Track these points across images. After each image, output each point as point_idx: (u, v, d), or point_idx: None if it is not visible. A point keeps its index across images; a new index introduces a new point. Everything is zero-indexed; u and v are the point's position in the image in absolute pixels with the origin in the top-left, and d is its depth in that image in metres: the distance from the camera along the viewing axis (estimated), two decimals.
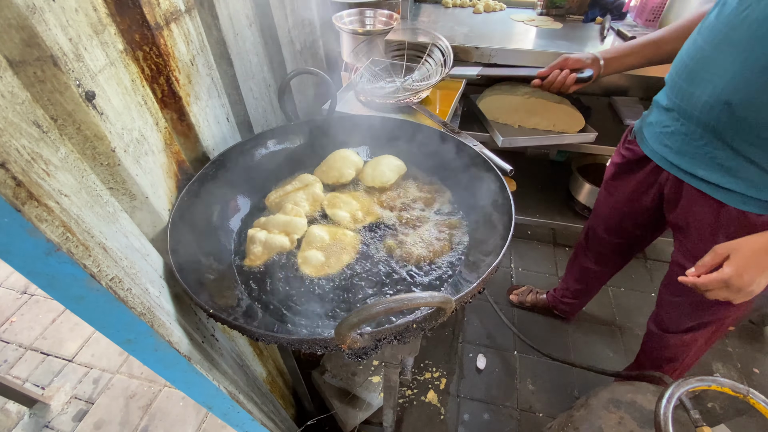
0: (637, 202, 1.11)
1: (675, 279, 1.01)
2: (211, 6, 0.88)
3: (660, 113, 0.95)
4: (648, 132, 1.00)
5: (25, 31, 0.49)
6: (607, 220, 1.26)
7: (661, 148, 0.95)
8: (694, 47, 0.83)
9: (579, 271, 1.51)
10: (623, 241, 1.28)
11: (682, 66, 0.85)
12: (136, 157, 0.67)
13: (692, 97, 0.82)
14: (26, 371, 1.71)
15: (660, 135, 0.95)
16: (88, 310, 0.40)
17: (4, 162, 0.33)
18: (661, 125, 0.94)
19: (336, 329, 0.50)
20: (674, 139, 0.90)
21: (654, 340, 1.23)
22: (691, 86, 0.82)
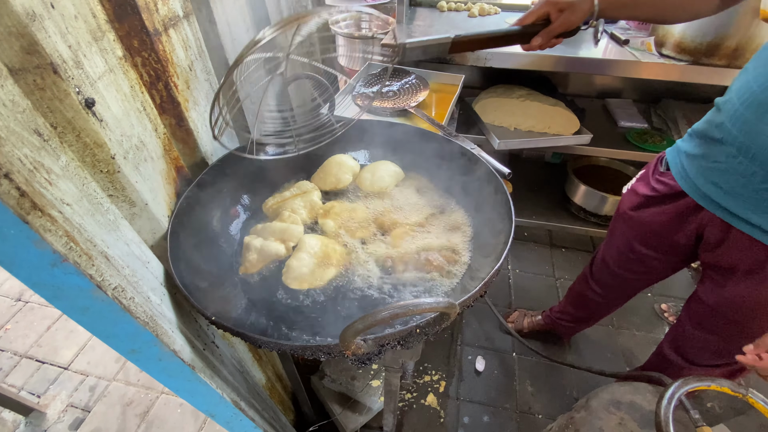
0: (665, 238, 1.01)
1: (708, 317, 0.98)
2: (209, 11, 0.88)
3: (708, 146, 0.83)
4: (690, 166, 0.88)
5: (25, 39, 0.49)
6: (623, 254, 1.16)
7: (707, 187, 0.84)
8: (764, 77, 0.71)
9: (582, 301, 1.44)
10: (638, 277, 1.18)
11: (750, 95, 0.73)
12: (136, 163, 0.67)
13: (761, 135, 0.71)
14: (21, 379, 1.69)
15: (707, 171, 0.84)
16: (93, 320, 0.40)
17: (8, 172, 0.33)
18: (709, 160, 0.83)
19: (341, 335, 0.50)
20: (727, 178, 0.80)
21: (674, 369, 1.14)
22: (762, 122, 0.71)
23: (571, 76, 2.06)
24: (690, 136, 0.93)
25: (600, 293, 1.33)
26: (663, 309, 1.85)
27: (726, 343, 0.98)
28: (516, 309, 1.83)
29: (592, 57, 1.50)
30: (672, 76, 1.43)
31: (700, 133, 0.87)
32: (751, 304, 0.88)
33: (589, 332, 1.77)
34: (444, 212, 0.95)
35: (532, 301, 1.90)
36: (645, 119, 1.85)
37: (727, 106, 0.79)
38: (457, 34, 0.87)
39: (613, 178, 2.00)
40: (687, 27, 1.36)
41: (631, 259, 1.13)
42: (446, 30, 1.70)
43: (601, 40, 1.62)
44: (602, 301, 1.36)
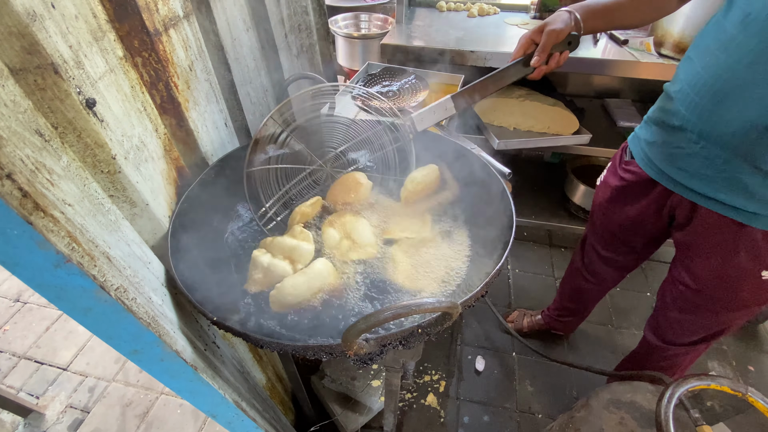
0: (641, 223, 1.07)
1: (681, 295, 1.02)
2: (209, 11, 0.88)
3: (668, 133, 0.87)
4: (654, 153, 0.92)
5: (26, 39, 0.49)
6: (607, 239, 1.22)
7: (673, 171, 0.88)
8: (717, 65, 0.74)
9: (575, 291, 1.46)
10: (623, 258, 1.25)
11: (703, 85, 0.77)
12: (137, 164, 0.67)
13: (720, 121, 0.75)
14: (20, 380, 1.68)
15: (671, 157, 0.88)
16: (96, 321, 0.40)
17: (10, 173, 0.33)
18: (671, 146, 0.87)
19: (343, 335, 0.50)
20: (691, 162, 0.84)
21: (655, 351, 1.20)
22: (719, 108, 0.75)
23: (571, 76, 2.06)
24: (647, 123, 0.96)
25: (594, 280, 1.37)
26: None
27: (700, 319, 1.03)
28: (516, 309, 1.84)
29: (592, 57, 1.51)
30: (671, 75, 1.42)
31: (658, 121, 0.91)
32: (721, 278, 0.92)
33: (589, 331, 1.77)
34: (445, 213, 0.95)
35: (532, 300, 1.90)
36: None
37: (680, 96, 0.83)
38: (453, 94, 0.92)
39: None
40: (686, 27, 1.36)
41: (615, 241, 1.20)
42: (445, 30, 1.71)
43: (600, 40, 1.62)
44: (597, 287, 1.40)
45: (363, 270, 0.81)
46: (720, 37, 0.75)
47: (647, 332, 1.23)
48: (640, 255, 1.22)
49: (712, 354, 1.69)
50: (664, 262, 2.06)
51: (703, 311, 1.01)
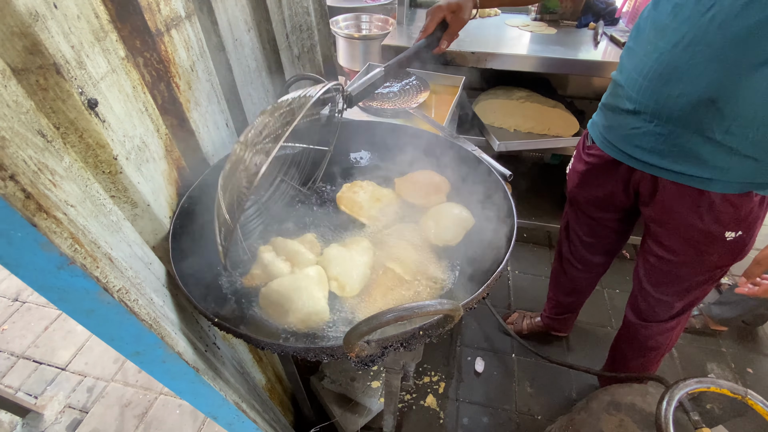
0: (611, 201, 1.13)
1: (653, 268, 1.09)
2: (211, 12, 0.88)
3: (622, 116, 0.94)
4: (612, 135, 1.00)
5: (28, 39, 0.49)
6: (586, 224, 1.28)
7: (632, 149, 0.95)
8: (657, 51, 0.82)
9: (569, 281, 1.48)
10: (605, 241, 1.30)
11: (648, 70, 0.85)
12: (138, 164, 0.67)
13: (669, 99, 0.82)
14: (18, 380, 1.68)
15: (629, 137, 0.94)
16: (98, 323, 0.40)
17: (13, 174, 0.33)
18: (627, 128, 0.94)
19: (345, 337, 0.50)
20: (647, 140, 0.90)
21: (637, 331, 1.25)
22: (666, 88, 0.82)
23: (571, 78, 2.06)
24: (602, 110, 1.05)
25: (583, 268, 1.40)
26: None
27: (674, 288, 1.09)
28: (515, 310, 1.84)
29: (592, 59, 1.51)
30: None
31: (611, 106, 0.98)
32: (689, 244, 0.98)
33: (589, 333, 1.77)
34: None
35: (532, 302, 1.91)
36: None
37: (629, 82, 0.90)
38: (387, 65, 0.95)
39: None
40: None
41: (594, 225, 1.26)
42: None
43: (601, 42, 1.62)
44: (588, 275, 1.43)
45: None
46: (656, 26, 0.83)
47: (628, 313, 1.28)
48: (619, 235, 1.27)
49: (711, 356, 1.69)
50: None
51: (676, 280, 1.06)
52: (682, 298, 1.10)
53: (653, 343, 1.23)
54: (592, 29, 1.74)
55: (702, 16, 0.74)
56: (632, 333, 1.27)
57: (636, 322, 1.24)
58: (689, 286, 1.06)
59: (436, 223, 0.88)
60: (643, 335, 1.24)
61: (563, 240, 1.41)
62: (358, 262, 0.80)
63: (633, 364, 1.33)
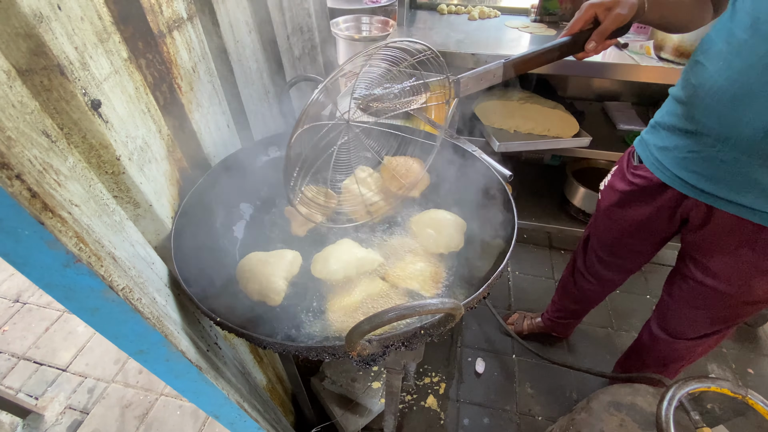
0: (650, 227, 1.06)
1: (692, 290, 1.02)
2: (212, 13, 0.88)
3: (680, 137, 0.87)
4: (665, 158, 0.92)
5: (32, 40, 0.49)
6: (610, 246, 1.21)
7: (688, 175, 0.87)
8: (731, 69, 0.75)
9: (579, 292, 1.45)
10: (627, 262, 1.24)
11: (717, 89, 0.77)
12: (140, 164, 0.67)
13: (738, 124, 0.75)
14: (19, 381, 1.68)
15: (684, 161, 0.87)
16: (103, 321, 0.40)
17: (19, 173, 0.33)
18: (684, 150, 0.86)
19: (347, 336, 0.50)
20: (706, 166, 0.83)
21: (661, 345, 1.20)
22: (736, 111, 0.75)
23: (571, 79, 2.07)
24: (655, 128, 0.96)
25: (596, 283, 1.36)
26: None
27: (712, 314, 1.03)
28: (516, 311, 1.84)
29: (592, 60, 1.51)
30: (671, 79, 1.44)
31: (669, 126, 0.90)
32: (737, 276, 0.92)
33: (589, 334, 1.77)
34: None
35: (532, 302, 1.91)
36: (644, 122, 1.86)
37: (694, 100, 0.82)
38: (506, 59, 0.80)
39: None
40: None
41: (619, 247, 1.19)
42: (446, 33, 1.71)
43: None
44: (600, 290, 1.39)
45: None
46: (731, 41, 0.75)
47: (654, 327, 1.22)
48: (644, 258, 1.21)
49: (711, 356, 1.69)
50: (663, 264, 2.07)
51: (716, 306, 1.00)
52: (716, 322, 1.05)
53: (677, 356, 1.19)
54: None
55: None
56: (656, 345, 1.22)
57: (663, 336, 1.18)
58: (727, 315, 1.01)
59: (439, 233, 0.86)
60: (668, 349, 1.19)
61: (579, 252, 1.37)
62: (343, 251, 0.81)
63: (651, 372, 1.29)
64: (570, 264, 1.45)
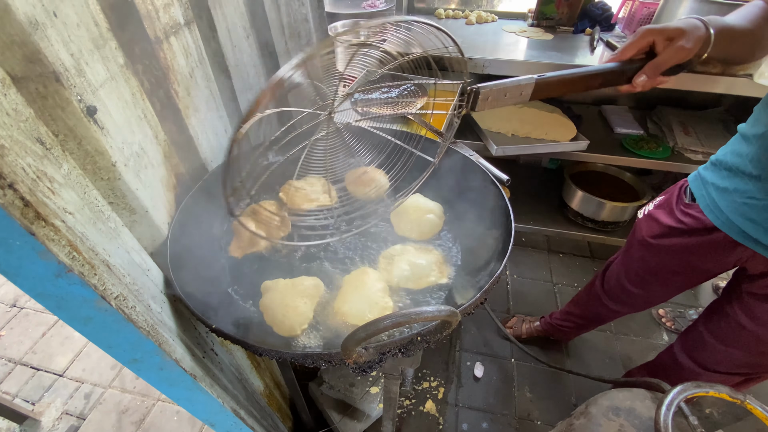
0: (695, 267, 0.98)
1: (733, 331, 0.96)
2: (210, 19, 0.88)
3: (741, 181, 0.79)
4: (722, 200, 0.84)
5: (28, 47, 0.49)
6: (642, 277, 1.13)
7: (744, 224, 0.80)
8: None
9: (591, 313, 1.41)
10: (658, 294, 1.16)
11: None
12: (137, 170, 0.67)
13: None
14: (16, 386, 1.67)
15: (743, 207, 0.80)
16: (96, 330, 0.40)
17: (12, 183, 0.33)
18: (744, 195, 0.79)
19: (343, 344, 0.50)
20: (766, 215, 0.76)
21: (686, 372, 1.11)
22: None
23: None
24: (715, 166, 0.87)
25: (614, 309, 1.30)
26: (660, 314, 1.86)
27: (752, 357, 0.97)
28: (514, 315, 1.83)
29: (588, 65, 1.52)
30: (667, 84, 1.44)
31: (730, 166, 0.82)
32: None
33: (588, 338, 1.77)
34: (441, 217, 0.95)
35: (530, 306, 1.91)
36: (641, 126, 1.86)
37: (763, 141, 0.74)
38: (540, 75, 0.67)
39: (610, 184, 2.01)
40: None
41: (651, 281, 1.11)
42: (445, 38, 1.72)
43: (597, 48, 1.64)
44: (614, 315, 1.34)
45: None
46: None
47: (678, 351, 1.14)
48: (674, 293, 1.13)
49: None
50: None
51: (755, 352, 0.96)
52: (751, 366, 0.99)
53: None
54: (589, 35, 1.75)
55: None
56: (679, 371, 1.14)
57: (689, 365, 1.10)
58: (761, 362, 0.96)
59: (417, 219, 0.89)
60: (692, 377, 1.11)
61: (600, 275, 1.31)
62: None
63: None
64: (589, 284, 1.40)
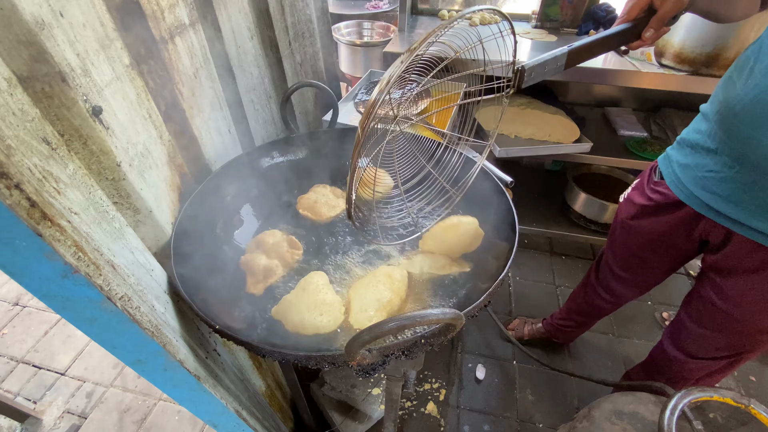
0: (666, 245, 1.04)
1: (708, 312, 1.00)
2: (214, 19, 0.88)
3: (701, 156, 0.86)
4: (684, 175, 0.90)
5: (34, 47, 0.49)
6: (626, 259, 1.19)
7: (705, 195, 0.86)
8: (758, 88, 0.73)
9: (589, 307, 1.44)
10: (641, 279, 1.22)
11: (742, 108, 0.75)
12: (141, 170, 0.67)
13: (759, 146, 0.73)
14: (18, 385, 1.67)
15: (703, 180, 0.85)
16: (101, 331, 0.40)
17: (18, 183, 0.33)
18: (703, 169, 0.85)
19: (347, 346, 0.49)
20: (725, 187, 0.81)
21: (675, 364, 1.16)
22: (759, 132, 0.73)
23: (571, 85, 2.07)
24: (680, 144, 0.95)
25: (609, 299, 1.34)
26: (664, 317, 1.86)
27: (729, 337, 1.01)
28: (516, 317, 1.83)
29: (593, 66, 1.52)
30: (671, 85, 1.44)
31: (691, 142, 0.89)
32: (753, 303, 0.91)
33: (590, 340, 1.76)
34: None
35: (533, 308, 1.90)
36: (644, 128, 1.86)
37: (718, 117, 0.81)
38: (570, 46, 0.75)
39: (613, 186, 2.00)
40: (687, 37, 1.37)
41: (634, 263, 1.17)
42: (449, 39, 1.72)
43: None
44: (611, 306, 1.37)
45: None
46: (761, 59, 0.74)
47: (666, 344, 1.19)
48: (661, 275, 1.18)
49: None
50: None
51: (729, 331, 0.99)
52: (729, 347, 1.03)
53: (691, 376, 1.16)
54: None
55: None
56: (669, 364, 1.19)
57: (676, 354, 1.15)
58: (741, 340, 0.99)
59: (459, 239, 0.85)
60: (681, 368, 1.16)
61: (594, 266, 1.36)
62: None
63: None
64: (585, 278, 1.43)
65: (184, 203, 0.80)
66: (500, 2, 2.15)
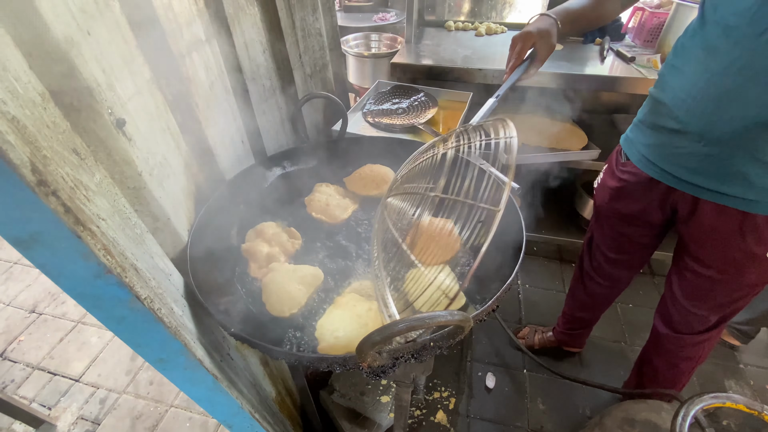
0: (644, 220, 1.11)
1: (689, 283, 1.07)
2: (229, 35, 0.92)
3: (666, 135, 0.93)
4: (654, 154, 0.98)
5: (64, 64, 0.52)
6: (613, 239, 1.25)
7: (676, 169, 0.93)
8: (708, 72, 0.81)
9: (588, 297, 1.46)
10: (630, 257, 1.27)
11: (698, 92, 0.83)
12: (160, 180, 0.70)
13: (719, 121, 0.82)
14: (33, 391, 1.70)
15: (672, 156, 0.93)
16: (128, 329, 0.42)
17: (55, 190, 0.35)
18: (671, 147, 0.93)
19: (358, 347, 0.51)
20: (692, 160, 0.89)
21: (669, 343, 1.22)
22: (718, 110, 0.81)
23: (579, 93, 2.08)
24: (639, 127, 1.03)
25: (606, 284, 1.38)
26: None
27: (710, 304, 1.07)
28: (526, 325, 1.82)
29: (599, 74, 1.53)
30: None
31: (652, 125, 0.97)
32: (729, 263, 0.97)
33: (602, 348, 1.75)
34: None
35: (543, 316, 1.89)
36: None
37: (675, 102, 0.89)
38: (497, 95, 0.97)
39: None
40: None
41: (621, 241, 1.23)
42: (453, 49, 1.75)
43: (607, 58, 1.65)
44: (608, 291, 1.41)
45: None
46: (705, 47, 0.82)
47: (658, 325, 1.25)
48: (647, 251, 1.25)
49: (728, 372, 1.66)
50: None
51: (712, 295, 1.05)
52: (717, 313, 1.09)
53: (686, 354, 1.21)
54: (599, 45, 1.77)
55: (756, 39, 0.73)
56: (663, 345, 1.25)
57: (668, 333, 1.21)
58: (725, 302, 1.05)
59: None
60: (675, 346, 1.22)
61: (585, 254, 1.40)
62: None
63: (664, 377, 1.29)
64: (577, 268, 1.47)
65: (200, 211, 0.83)
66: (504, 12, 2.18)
